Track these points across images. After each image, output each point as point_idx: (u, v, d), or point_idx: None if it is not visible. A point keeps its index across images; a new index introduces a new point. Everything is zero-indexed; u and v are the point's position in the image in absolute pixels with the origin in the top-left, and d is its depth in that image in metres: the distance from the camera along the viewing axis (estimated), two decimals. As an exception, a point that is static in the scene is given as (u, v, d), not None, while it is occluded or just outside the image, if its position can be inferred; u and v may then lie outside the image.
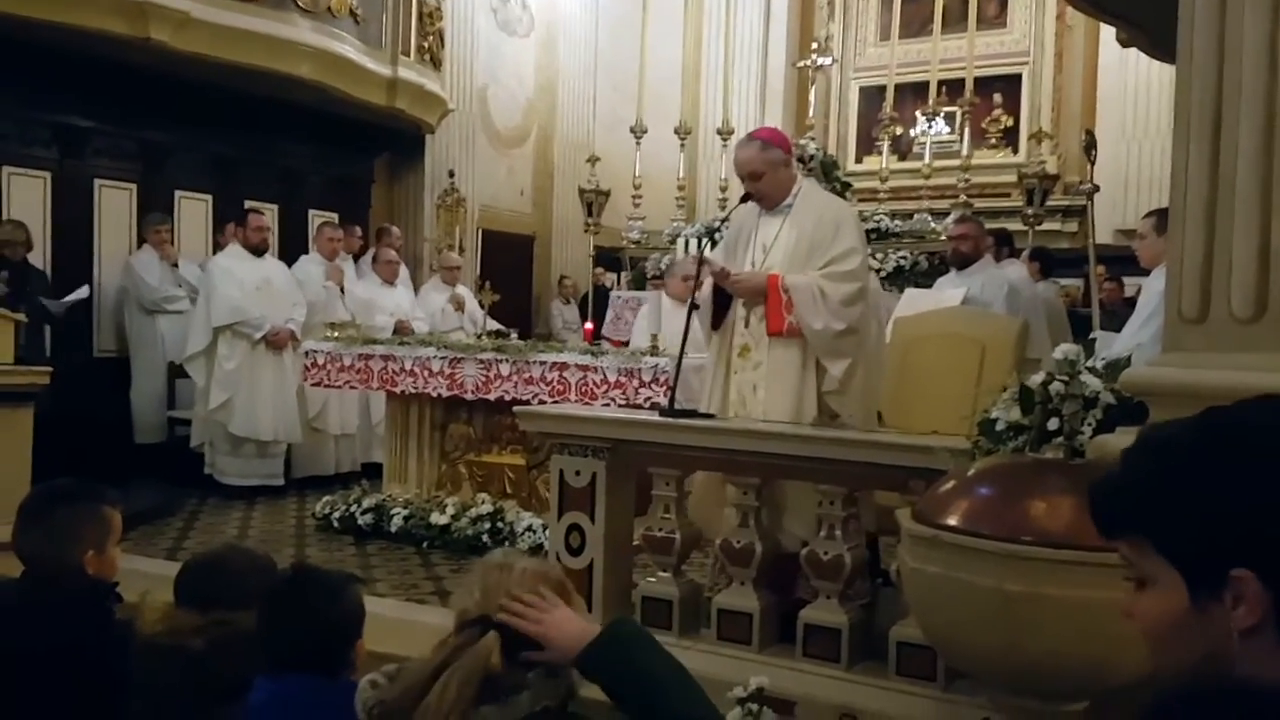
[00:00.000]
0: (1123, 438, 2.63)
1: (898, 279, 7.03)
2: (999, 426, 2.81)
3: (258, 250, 6.98)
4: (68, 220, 7.33)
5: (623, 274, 9.74)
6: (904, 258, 7.05)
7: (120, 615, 2.29)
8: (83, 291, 6.70)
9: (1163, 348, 2.82)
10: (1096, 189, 5.60)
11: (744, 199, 3.92)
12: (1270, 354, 2.56)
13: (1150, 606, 1.02)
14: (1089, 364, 2.86)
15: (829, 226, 3.76)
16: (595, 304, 9.02)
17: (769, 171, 3.80)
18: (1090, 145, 4.72)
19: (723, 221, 4.83)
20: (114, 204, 7.63)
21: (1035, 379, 2.73)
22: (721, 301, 3.89)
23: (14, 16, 6.18)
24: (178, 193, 8.02)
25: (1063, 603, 2.16)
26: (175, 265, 7.29)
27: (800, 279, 3.72)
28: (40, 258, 6.91)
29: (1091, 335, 3.94)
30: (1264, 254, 2.58)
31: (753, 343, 3.79)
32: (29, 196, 7.12)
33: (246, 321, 6.71)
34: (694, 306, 3.86)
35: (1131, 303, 5.69)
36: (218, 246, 7.69)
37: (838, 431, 3.49)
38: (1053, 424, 2.62)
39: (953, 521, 2.31)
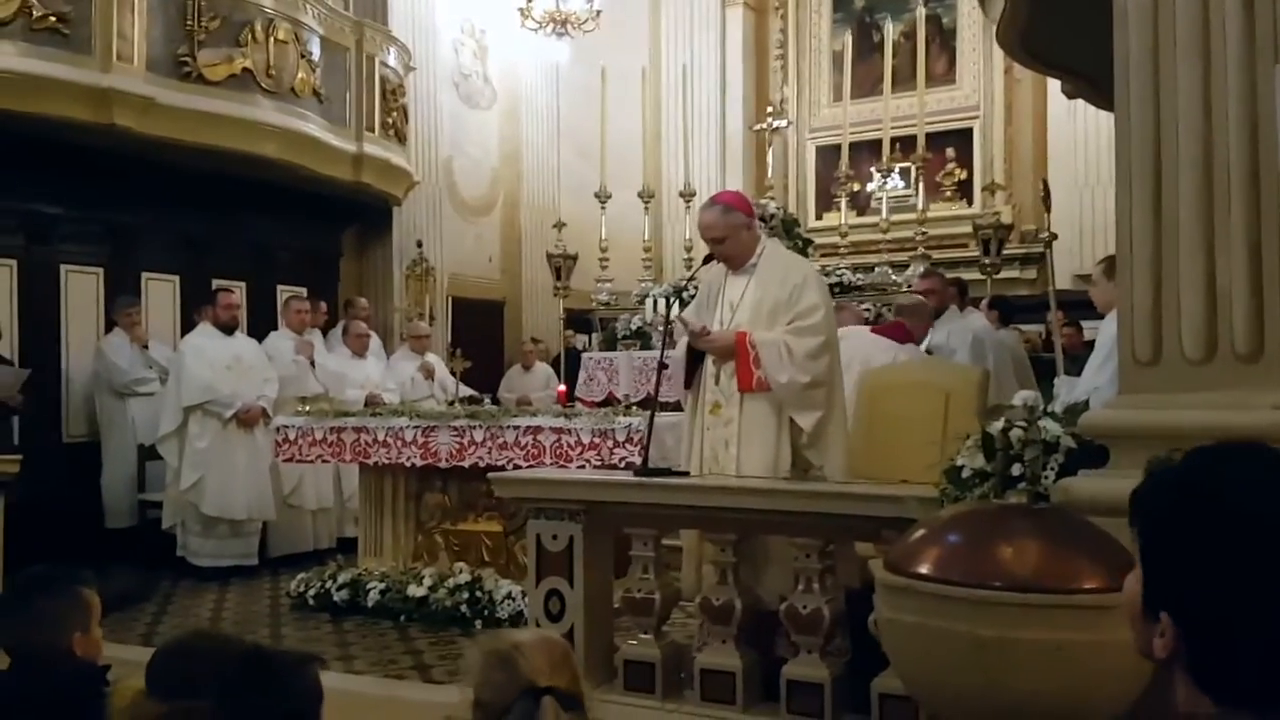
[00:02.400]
0: (1085, 481, 2.70)
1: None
2: (964, 474, 2.87)
3: (228, 328, 6.99)
4: (35, 307, 7.31)
5: (594, 335, 9.81)
6: (867, 310, 7.17)
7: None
8: (16, 375, 6.53)
9: (1119, 390, 2.90)
10: (1054, 236, 5.75)
11: (707, 259, 4.01)
12: (1222, 392, 2.65)
13: (1130, 584, 1.10)
14: (1049, 409, 2.94)
15: (792, 285, 3.86)
16: (568, 366, 9.07)
17: (731, 235, 3.91)
18: (1046, 195, 4.87)
19: (689, 280, 4.93)
20: (81, 289, 7.62)
21: (996, 426, 2.80)
22: (694, 359, 3.95)
23: (-21, 107, 6.24)
24: (145, 274, 8.03)
25: (1035, 645, 2.20)
26: (145, 347, 7.28)
27: (767, 335, 3.80)
28: (7, 346, 6.86)
29: (1055, 379, 4.03)
30: (1210, 296, 2.68)
31: (723, 399, 3.84)
32: (-6, 285, 7.11)
33: (217, 400, 6.70)
34: (662, 366, 3.92)
35: (1091, 346, 5.83)
36: (187, 326, 7.69)
37: (808, 485, 3.54)
38: (1015, 469, 2.69)
39: (924, 570, 2.35)
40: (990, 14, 4.69)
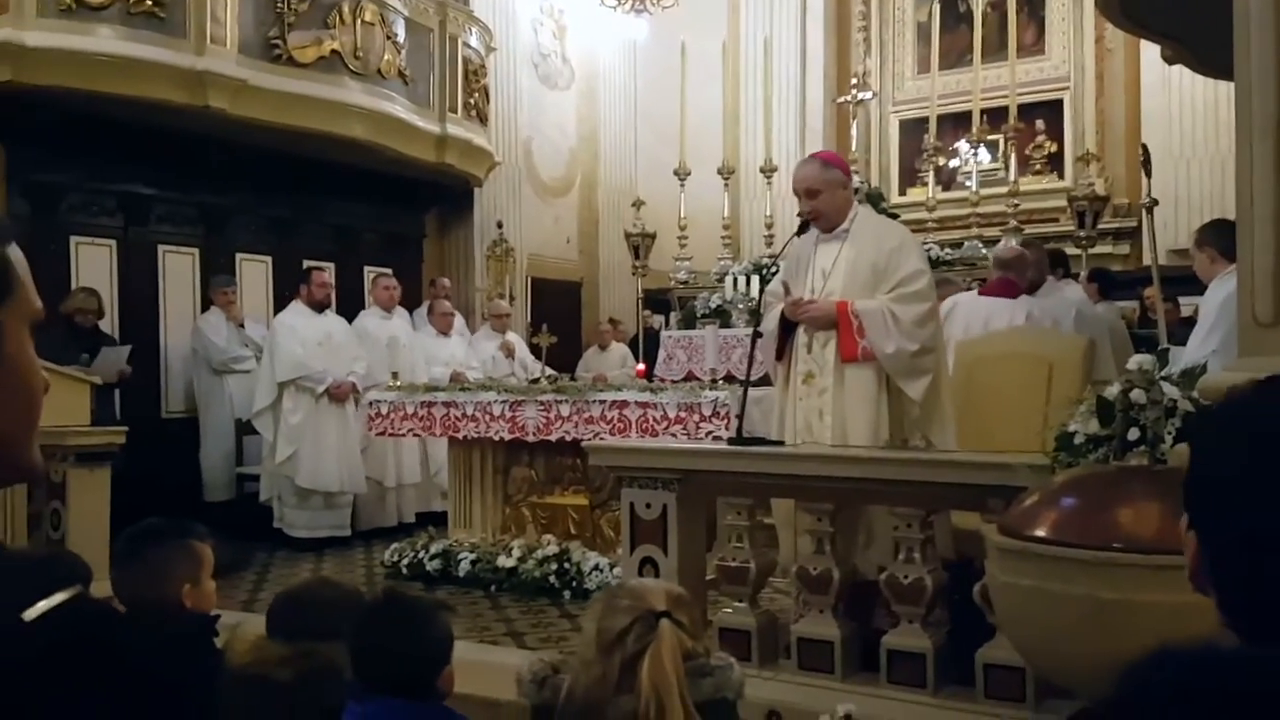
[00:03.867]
0: (1205, 444, 2.62)
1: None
2: (1078, 440, 2.80)
3: (320, 306, 7.15)
4: (134, 286, 7.56)
5: (672, 314, 9.80)
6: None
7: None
8: (120, 353, 6.72)
9: (1239, 352, 2.81)
10: (1155, 202, 5.56)
11: (800, 230, 3.96)
12: (1350, 352, 2.55)
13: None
14: (1163, 374, 2.85)
15: (889, 250, 3.79)
16: (645, 345, 9.09)
17: (826, 190, 3.84)
18: (1145, 159, 4.70)
19: (776, 258, 4.88)
20: (178, 268, 7.86)
21: (1112, 390, 2.72)
22: (785, 330, 3.91)
23: (80, 91, 6.45)
24: (239, 255, 8.25)
25: (1156, 608, 2.14)
26: (241, 325, 7.48)
27: (870, 303, 3.73)
28: (109, 323, 7.11)
29: (1163, 347, 3.90)
30: (1336, 253, 2.58)
31: (816, 369, 3.80)
32: (96, 264, 7.36)
33: (309, 375, 6.85)
34: (757, 335, 3.89)
35: (1189, 322, 5.63)
36: (279, 305, 7.88)
37: (911, 453, 3.49)
38: (1134, 433, 2.61)
39: (1041, 533, 2.31)
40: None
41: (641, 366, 8.83)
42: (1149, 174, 4.87)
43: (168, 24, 6.78)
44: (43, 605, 0.75)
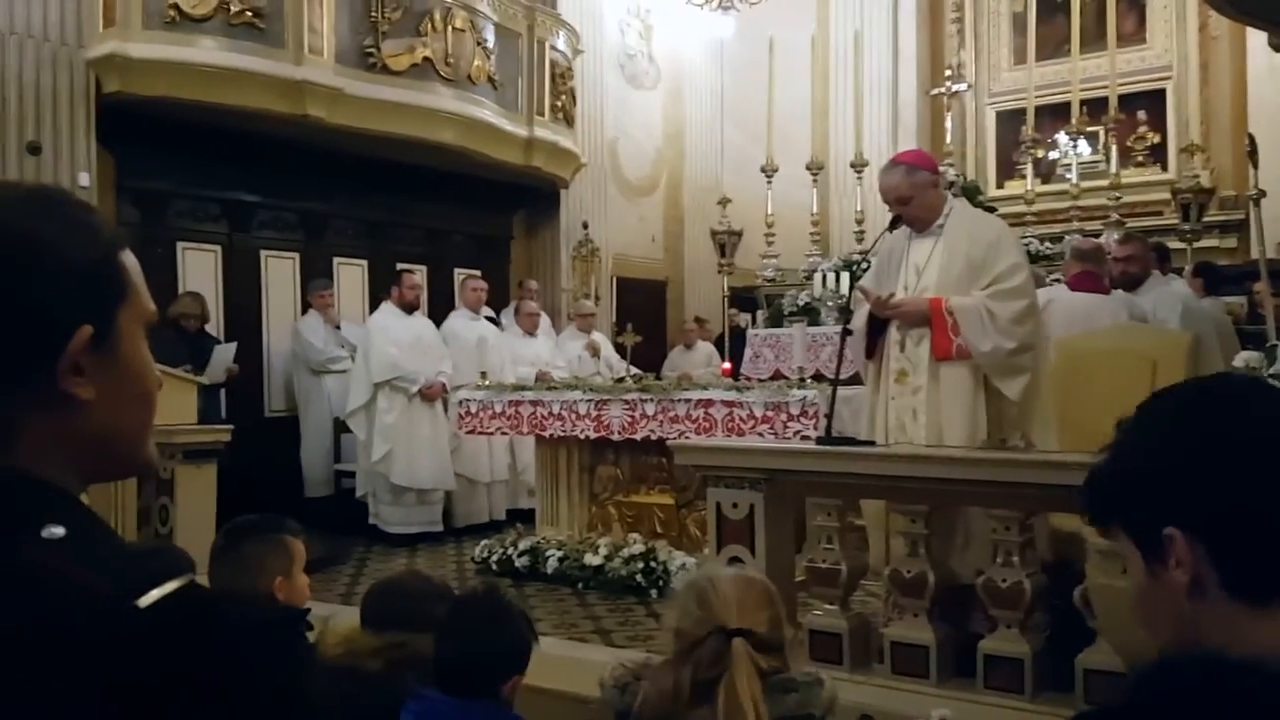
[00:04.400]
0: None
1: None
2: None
3: (410, 308, 7.29)
4: (238, 290, 7.82)
5: (759, 312, 9.74)
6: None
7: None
8: (228, 351, 6.91)
9: (1360, 349, 2.67)
10: (1263, 194, 5.33)
11: (892, 225, 3.89)
12: None
13: (1131, 589, 1.01)
14: (1271, 370, 2.73)
15: (986, 244, 3.69)
16: (732, 344, 9.05)
17: (917, 195, 3.76)
18: (1252, 149, 4.51)
19: (868, 253, 4.80)
20: (279, 272, 8.11)
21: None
22: (876, 328, 3.85)
23: (184, 101, 6.70)
24: (336, 259, 8.47)
25: None
26: (338, 327, 7.69)
27: (965, 300, 3.64)
28: (214, 326, 7.37)
29: (1271, 344, 3.73)
30: None
31: (910, 367, 3.73)
32: (202, 269, 7.64)
33: (403, 376, 6.99)
34: (847, 332, 3.84)
35: (1296, 319, 5.37)
36: (375, 307, 8.07)
37: (1007, 453, 3.40)
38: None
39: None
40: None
41: (728, 365, 8.81)
42: (1256, 165, 4.67)
43: (267, 35, 6.99)
44: (155, 593, 0.79)
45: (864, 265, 5.25)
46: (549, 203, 10.15)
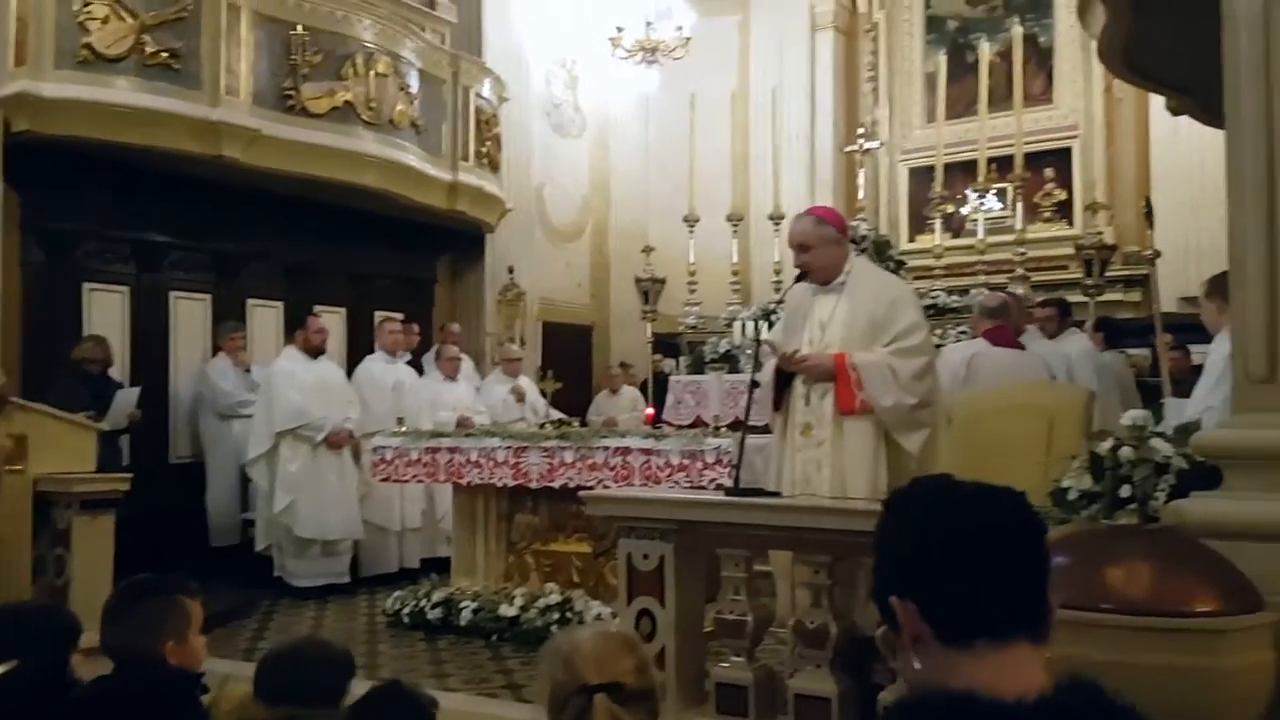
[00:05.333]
0: (1198, 503, 2.59)
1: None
2: (1071, 496, 2.78)
3: (316, 352, 7.17)
4: (145, 332, 7.62)
5: (681, 359, 9.82)
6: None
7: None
8: (130, 396, 6.69)
9: (1232, 409, 2.79)
10: (1158, 254, 5.58)
11: (798, 278, 3.98)
12: (1345, 411, 2.53)
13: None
14: (1158, 429, 2.83)
15: (888, 303, 3.80)
16: (656, 390, 9.10)
17: (818, 246, 3.88)
18: (1148, 211, 4.72)
19: (778, 303, 4.90)
20: (189, 315, 7.93)
21: (1104, 445, 2.71)
22: (782, 381, 3.91)
23: (95, 140, 6.57)
24: (250, 301, 8.32)
25: (1149, 669, 2.11)
26: (248, 370, 7.53)
27: (869, 357, 3.74)
28: (119, 370, 7.17)
29: (1160, 402, 3.89)
30: (1330, 311, 2.57)
31: (815, 421, 3.80)
32: (108, 311, 7.43)
33: (308, 424, 6.85)
34: (754, 384, 3.89)
35: (1199, 370, 5.60)
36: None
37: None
38: (1125, 491, 2.59)
39: (1030, 592, 2.28)
40: (1091, 29, 4.58)
41: (651, 411, 8.84)
42: (1152, 226, 4.88)
43: (183, 75, 6.91)
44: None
45: (778, 315, 5.34)
46: (474, 247, 10.14)
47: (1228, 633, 2.13)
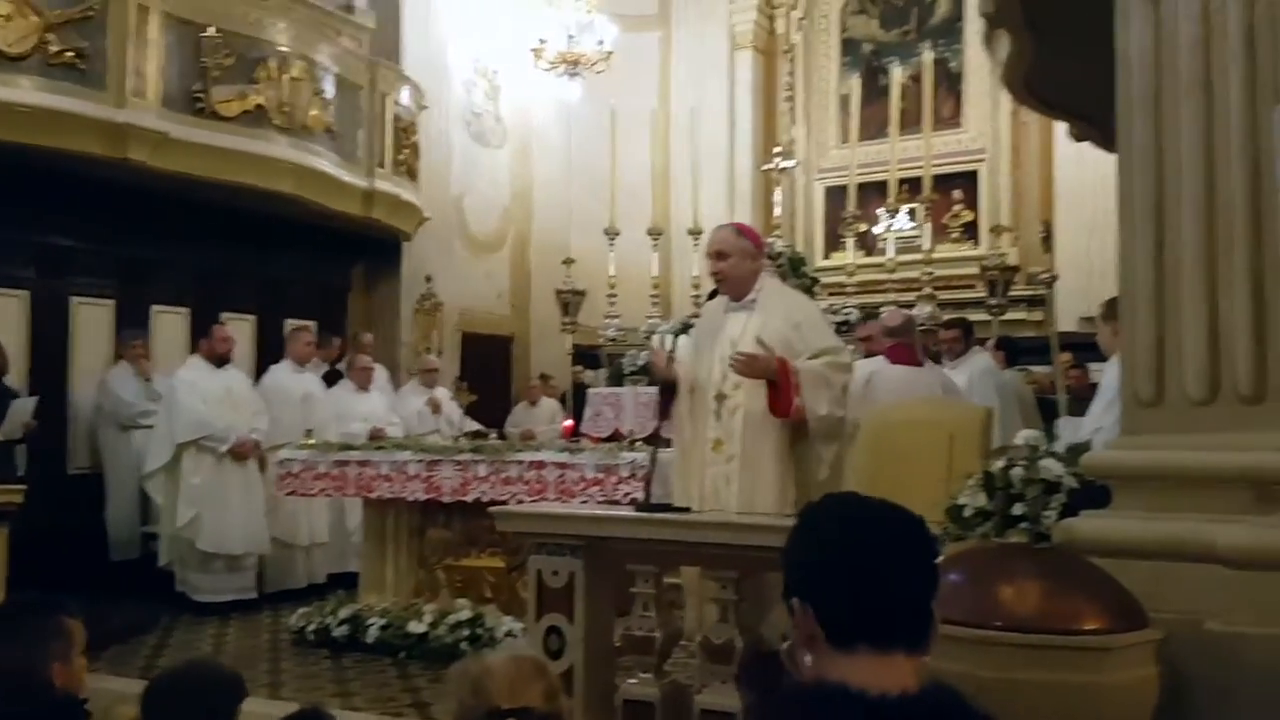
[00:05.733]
0: (1087, 522, 2.68)
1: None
2: (966, 513, 2.85)
3: (222, 360, 6.99)
4: (44, 339, 7.35)
5: (601, 371, 9.83)
6: (852, 350, 7.19)
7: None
8: (27, 405, 6.43)
9: (1121, 430, 2.89)
10: (1055, 278, 5.78)
11: (710, 295, 4.02)
12: (1225, 434, 2.63)
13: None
14: (1050, 449, 2.92)
15: (799, 323, 3.87)
16: (576, 402, 9.09)
17: (735, 255, 3.94)
18: (1046, 236, 4.89)
19: (692, 316, 4.97)
20: (91, 321, 7.67)
21: (997, 464, 2.78)
22: (666, 394, 3.96)
23: (-4, 141, 6.33)
24: (155, 307, 8.08)
25: (1036, 686, 2.17)
26: (149, 379, 7.30)
27: (809, 365, 3.83)
28: (16, 378, 6.89)
29: (1057, 420, 4.02)
30: (1213, 336, 2.67)
31: (725, 436, 3.83)
32: (6, 316, 7.15)
33: (212, 435, 6.67)
34: (665, 390, 3.93)
35: (1096, 388, 5.83)
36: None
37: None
38: (1017, 509, 2.67)
39: (925, 609, 2.33)
40: (995, 56, 4.72)
41: (570, 423, 8.82)
42: (1050, 250, 5.05)
43: (88, 76, 6.71)
44: None
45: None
46: (390, 255, 10.00)
47: (1112, 650, 2.19)
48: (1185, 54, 2.71)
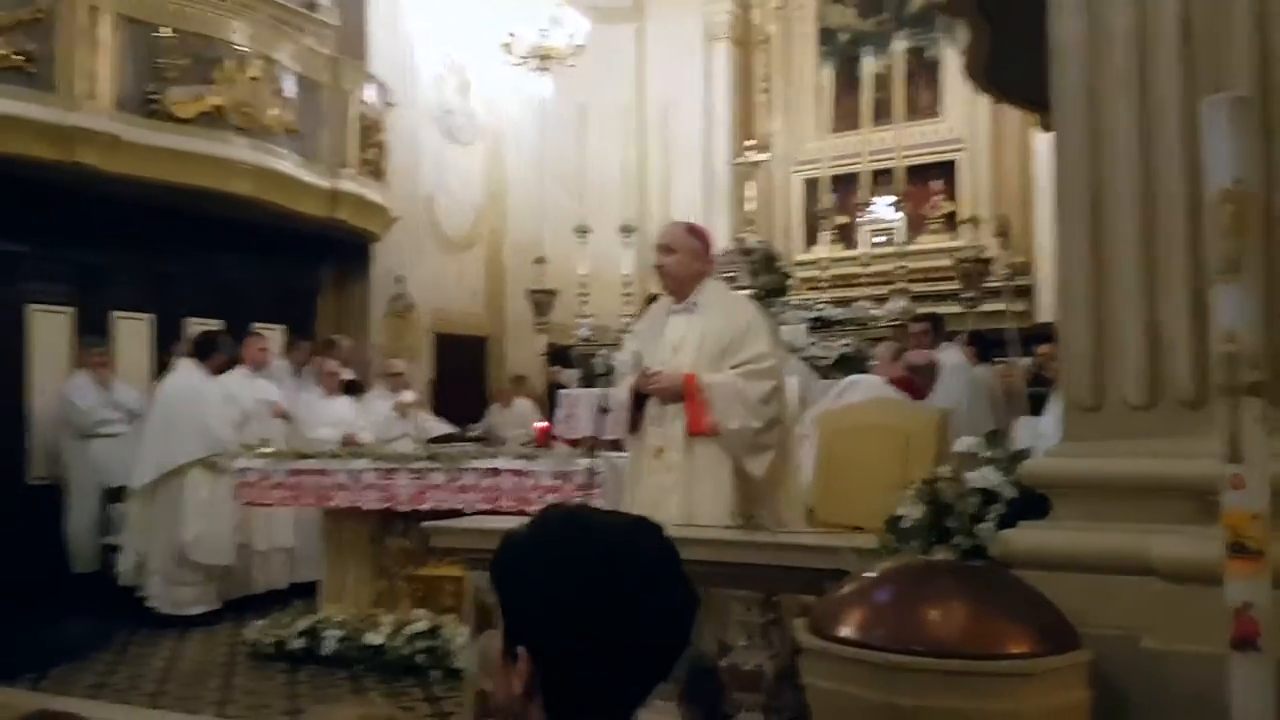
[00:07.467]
0: (1024, 532, 2.56)
1: (844, 367, 7.01)
2: (905, 524, 2.73)
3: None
4: (0, 348, 7.21)
5: (576, 371, 9.72)
6: (847, 345, 7.06)
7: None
8: None
9: (1062, 437, 2.77)
10: (1017, 272, 5.67)
11: (652, 297, 3.90)
12: (1166, 440, 2.52)
13: (493, 642, 1.24)
14: (990, 454, 2.80)
15: (740, 327, 3.74)
16: (551, 402, 8.98)
17: (681, 253, 3.83)
18: (1004, 233, 4.79)
19: (634, 316, 4.86)
20: (49, 329, 7.53)
21: (942, 470, 2.67)
22: (639, 402, 3.83)
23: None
24: (115, 313, 7.94)
25: (956, 715, 2.05)
26: (108, 389, 7.16)
27: (719, 378, 3.68)
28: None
29: (992, 430, 3.90)
30: (1153, 340, 2.56)
31: (667, 444, 3.71)
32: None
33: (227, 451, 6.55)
34: (604, 410, 3.80)
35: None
36: (159, 366, 7.60)
37: (747, 534, 3.39)
38: (951, 521, 2.55)
39: (845, 632, 2.21)
40: (958, 44, 4.61)
41: (545, 424, 8.70)
42: (1006, 246, 4.95)
43: (37, 79, 6.58)
44: None
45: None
46: (359, 257, 9.86)
47: (1034, 675, 2.08)
48: (1120, 44, 2.59)
